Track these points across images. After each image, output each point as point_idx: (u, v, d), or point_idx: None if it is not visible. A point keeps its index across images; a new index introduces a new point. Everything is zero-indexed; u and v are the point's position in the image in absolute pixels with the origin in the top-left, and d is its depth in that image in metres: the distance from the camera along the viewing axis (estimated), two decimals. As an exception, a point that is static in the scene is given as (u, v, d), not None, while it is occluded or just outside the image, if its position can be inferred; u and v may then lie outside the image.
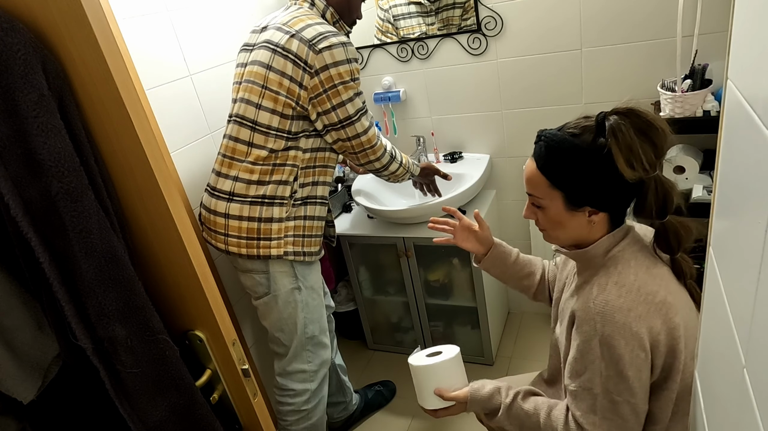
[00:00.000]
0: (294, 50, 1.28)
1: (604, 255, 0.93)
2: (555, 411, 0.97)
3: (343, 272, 2.27)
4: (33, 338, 0.76)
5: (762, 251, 0.40)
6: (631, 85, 1.76)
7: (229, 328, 0.86)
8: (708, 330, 0.65)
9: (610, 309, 0.85)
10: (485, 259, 1.25)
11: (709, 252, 0.62)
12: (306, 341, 1.50)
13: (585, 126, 0.89)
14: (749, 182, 0.44)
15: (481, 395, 1.06)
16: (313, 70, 1.28)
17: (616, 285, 0.88)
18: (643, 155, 0.84)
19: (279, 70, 1.30)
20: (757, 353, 0.42)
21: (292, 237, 1.40)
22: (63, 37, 0.67)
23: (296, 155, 1.37)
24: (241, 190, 1.36)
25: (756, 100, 0.42)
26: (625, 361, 0.85)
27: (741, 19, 0.47)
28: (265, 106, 1.33)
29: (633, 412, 0.88)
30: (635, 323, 0.84)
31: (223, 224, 1.39)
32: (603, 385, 0.88)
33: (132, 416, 0.77)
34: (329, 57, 1.28)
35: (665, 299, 0.86)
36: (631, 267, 0.90)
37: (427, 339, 2.18)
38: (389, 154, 1.50)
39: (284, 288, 1.43)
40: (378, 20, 2.05)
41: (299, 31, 1.29)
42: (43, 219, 0.66)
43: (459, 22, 1.92)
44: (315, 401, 1.56)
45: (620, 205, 0.93)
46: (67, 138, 0.66)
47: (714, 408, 0.61)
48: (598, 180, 0.88)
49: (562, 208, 0.93)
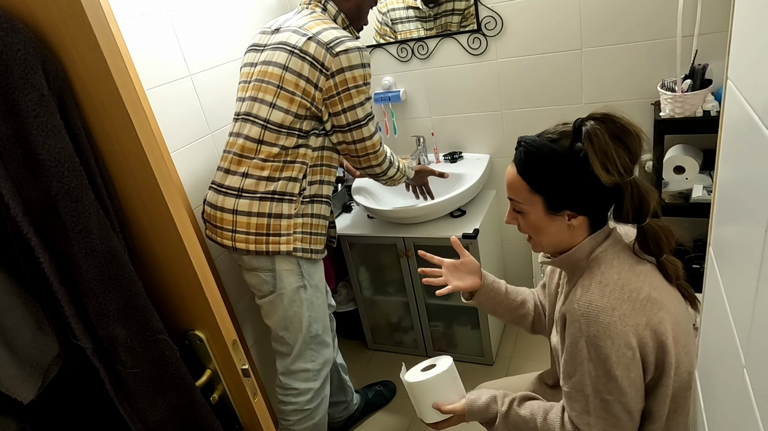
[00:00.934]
0: (311, 52, 1.32)
1: (587, 257, 0.94)
2: (551, 414, 0.98)
3: (343, 272, 2.27)
4: (33, 338, 0.76)
5: (762, 251, 0.40)
6: (631, 85, 1.76)
7: (229, 328, 0.86)
8: (708, 330, 0.65)
9: (594, 310, 0.86)
10: (478, 293, 1.19)
11: (709, 252, 0.62)
12: (310, 340, 1.50)
13: (563, 131, 0.91)
14: (749, 182, 0.44)
15: (478, 406, 1.07)
16: (329, 72, 1.32)
17: (599, 285, 0.89)
18: (617, 159, 0.86)
19: (296, 71, 1.33)
20: (757, 353, 0.42)
21: (300, 233, 1.41)
22: (63, 37, 0.67)
23: (306, 153, 1.39)
24: (250, 186, 1.37)
25: (756, 100, 0.42)
26: (612, 361, 0.85)
27: (741, 19, 0.47)
28: (280, 106, 1.35)
29: (625, 411, 0.88)
30: (620, 322, 0.85)
31: (231, 220, 1.39)
32: (593, 385, 0.88)
33: (132, 416, 0.77)
34: (345, 60, 1.31)
35: (649, 295, 0.87)
36: (614, 266, 0.91)
37: (427, 339, 2.18)
38: (389, 160, 1.53)
39: (290, 286, 1.43)
40: (376, 23, 2.05)
41: (316, 34, 1.33)
42: (43, 219, 0.66)
43: (457, 29, 1.93)
44: (318, 400, 1.56)
45: (598, 209, 0.94)
46: (67, 138, 0.66)
47: (714, 408, 0.61)
48: (575, 184, 0.89)
49: (542, 213, 0.94)
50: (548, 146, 0.90)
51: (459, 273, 1.20)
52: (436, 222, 1.92)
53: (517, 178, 0.95)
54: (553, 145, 0.90)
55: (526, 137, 0.94)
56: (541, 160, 0.91)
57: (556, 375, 1.16)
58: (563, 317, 0.93)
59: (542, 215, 0.94)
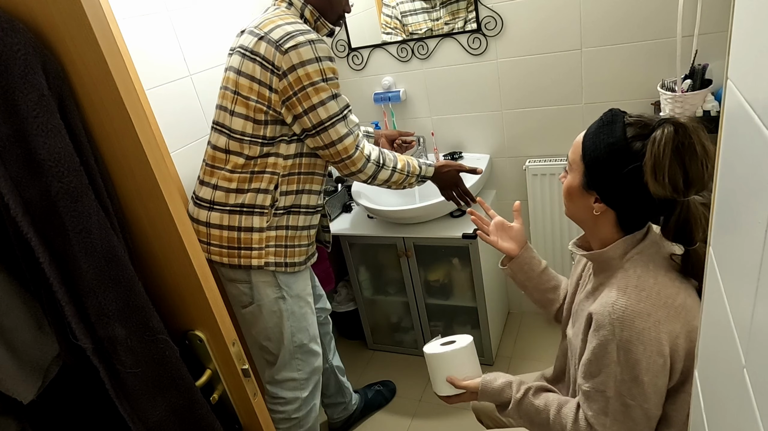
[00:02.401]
0: (261, 53, 1.24)
1: (621, 257, 0.93)
2: (565, 408, 0.97)
3: (343, 272, 2.27)
4: (33, 338, 0.76)
5: (762, 251, 0.40)
6: (631, 85, 1.76)
7: (229, 328, 0.86)
8: (708, 330, 0.65)
9: (630, 314, 0.85)
10: (513, 262, 1.20)
11: (709, 252, 0.62)
12: (294, 350, 1.46)
13: (643, 122, 0.88)
14: (749, 182, 0.44)
15: (493, 387, 1.07)
16: (281, 72, 1.22)
17: (636, 289, 0.87)
18: (667, 173, 0.82)
19: (248, 75, 1.26)
20: (757, 353, 0.42)
21: (273, 247, 1.36)
22: (63, 37, 0.67)
23: (276, 162, 1.32)
24: (221, 199, 1.34)
25: (756, 100, 0.42)
26: (642, 366, 0.84)
27: (741, 19, 0.47)
28: (238, 113, 1.29)
29: (645, 416, 0.87)
30: (655, 328, 0.83)
31: (206, 233, 1.36)
32: (617, 388, 0.87)
33: (132, 416, 0.77)
34: (296, 57, 1.21)
35: (685, 302, 0.86)
36: (650, 270, 0.89)
37: (427, 339, 2.18)
38: (375, 163, 1.38)
39: (267, 298, 1.39)
40: (385, 17, 2.04)
41: (268, 33, 1.24)
42: (43, 219, 0.66)
43: (465, 14, 1.90)
44: (306, 409, 1.53)
45: (631, 210, 0.92)
46: (67, 138, 0.66)
47: (714, 408, 0.61)
48: (616, 174, 0.87)
49: (578, 182, 0.94)
50: (619, 128, 0.88)
51: (504, 234, 1.23)
52: (436, 222, 1.92)
53: (581, 141, 0.94)
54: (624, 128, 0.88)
55: (615, 110, 0.92)
56: (603, 136, 0.89)
57: (557, 370, 1.16)
58: (590, 316, 0.92)
59: (577, 185, 0.94)
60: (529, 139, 2.00)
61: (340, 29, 2.03)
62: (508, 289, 2.37)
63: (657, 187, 0.83)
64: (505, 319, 2.36)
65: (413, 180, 1.48)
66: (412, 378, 2.15)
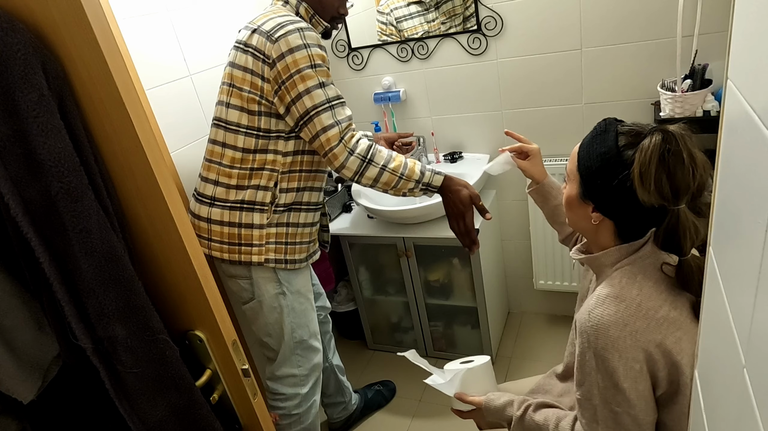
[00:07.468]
0: (254, 44, 1.25)
1: (611, 265, 0.93)
2: (563, 422, 0.98)
3: (343, 272, 2.27)
4: (33, 338, 0.76)
5: (762, 251, 0.40)
6: (631, 85, 1.76)
7: (229, 328, 0.86)
8: (708, 330, 0.65)
9: (604, 323, 0.85)
10: (537, 188, 1.31)
11: (709, 252, 0.62)
12: (295, 346, 1.47)
13: (635, 131, 0.88)
14: (749, 182, 0.44)
15: (495, 405, 1.10)
16: (271, 60, 1.23)
17: (615, 300, 0.87)
18: (653, 181, 0.82)
19: (242, 66, 1.28)
20: (757, 353, 0.42)
21: (274, 244, 1.37)
22: (63, 37, 0.67)
23: (275, 159, 1.33)
24: (221, 195, 1.35)
25: (756, 100, 0.42)
26: (620, 374, 0.84)
27: (741, 19, 0.47)
28: (233, 104, 1.31)
29: (634, 423, 0.87)
30: (631, 337, 0.84)
31: (207, 229, 1.37)
32: (601, 396, 0.88)
33: (132, 416, 0.77)
34: (284, 44, 1.22)
35: (668, 315, 0.85)
36: (636, 281, 0.88)
37: (427, 339, 2.18)
38: (360, 158, 1.26)
39: (268, 293, 1.40)
40: (380, 25, 2.05)
41: (261, 26, 1.26)
42: (43, 219, 0.66)
43: (462, 11, 1.90)
44: (306, 405, 1.54)
45: (627, 219, 0.91)
46: (67, 138, 0.66)
47: (714, 408, 0.61)
48: (609, 184, 0.87)
49: (575, 192, 0.95)
50: (611, 138, 0.88)
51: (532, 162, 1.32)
52: (436, 222, 1.92)
53: (576, 151, 0.95)
54: (616, 137, 0.88)
55: (609, 119, 0.93)
56: (597, 147, 0.90)
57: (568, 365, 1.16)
58: (574, 323, 0.93)
59: (575, 195, 0.95)
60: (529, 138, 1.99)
61: (338, 31, 2.03)
62: (507, 289, 2.37)
63: (645, 194, 0.83)
64: (505, 319, 2.36)
65: (412, 185, 1.32)
66: (412, 378, 2.14)
